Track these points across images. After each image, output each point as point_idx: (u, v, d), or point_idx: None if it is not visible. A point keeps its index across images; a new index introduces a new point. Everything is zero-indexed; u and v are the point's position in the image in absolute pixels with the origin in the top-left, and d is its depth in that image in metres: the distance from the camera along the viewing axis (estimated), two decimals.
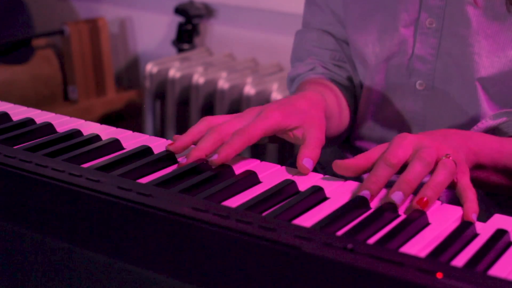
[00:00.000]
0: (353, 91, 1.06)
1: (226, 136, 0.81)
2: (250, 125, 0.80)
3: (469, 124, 0.94)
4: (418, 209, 0.69)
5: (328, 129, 0.92)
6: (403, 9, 0.95)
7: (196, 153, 0.79)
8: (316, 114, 0.87)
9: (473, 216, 0.68)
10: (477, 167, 0.82)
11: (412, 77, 0.96)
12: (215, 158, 0.77)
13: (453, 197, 0.87)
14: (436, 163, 0.72)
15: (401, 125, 1.00)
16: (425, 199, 0.68)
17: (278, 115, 0.82)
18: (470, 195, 0.71)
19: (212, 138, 0.80)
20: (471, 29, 0.90)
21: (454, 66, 0.93)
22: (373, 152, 0.76)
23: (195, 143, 0.82)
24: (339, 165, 0.76)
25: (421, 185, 0.71)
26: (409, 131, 0.99)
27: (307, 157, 0.80)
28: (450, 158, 0.72)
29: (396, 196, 0.69)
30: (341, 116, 1.02)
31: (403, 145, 0.73)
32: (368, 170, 0.75)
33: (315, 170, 1.08)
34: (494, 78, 0.91)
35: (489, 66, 0.90)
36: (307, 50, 1.10)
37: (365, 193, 0.70)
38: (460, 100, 0.94)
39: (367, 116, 1.04)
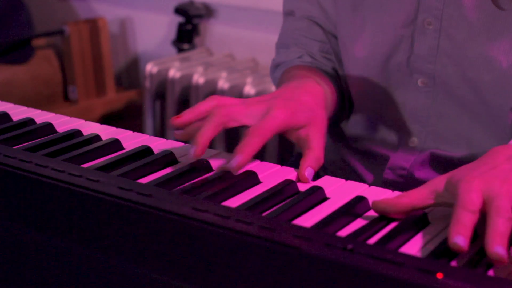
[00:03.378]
0: (339, 82, 1.05)
1: (229, 122, 0.81)
2: (258, 128, 0.80)
3: (474, 120, 0.93)
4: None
5: None
6: (401, 9, 0.94)
7: (202, 141, 0.79)
8: (320, 113, 0.87)
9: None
10: None
11: (413, 75, 0.96)
12: (234, 167, 0.77)
13: None
14: None
15: (402, 123, 0.99)
16: None
17: (285, 114, 0.82)
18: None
19: (215, 121, 0.80)
20: (470, 31, 0.90)
21: (455, 67, 0.92)
22: (417, 191, 0.71)
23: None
24: (379, 204, 0.70)
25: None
26: (410, 128, 0.98)
27: (311, 166, 0.80)
28: None
29: (500, 250, 0.62)
30: (332, 104, 1.01)
31: (473, 190, 0.66)
32: (411, 209, 0.70)
33: None
34: (493, 79, 0.90)
35: (491, 69, 0.90)
36: (294, 38, 1.09)
37: (460, 238, 0.62)
38: (463, 97, 0.94)
39: (366, 114, 1.03)
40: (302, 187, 0.76)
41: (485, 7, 0.88)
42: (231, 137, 2.12)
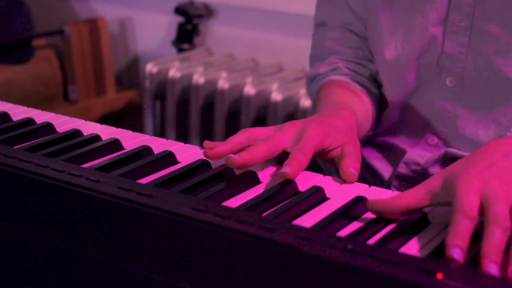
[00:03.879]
0: (376, 92, 1.06)
1: (275, 152, 0.81)
2: (299, 152, 0.79)
3: (500, 121, 0.93)
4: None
5: None
6: (432, 8, 0.95)
7: (248, 157, 0.78)
8: (353, 135, 0.88)
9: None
10: None
11: (442, 74, 0.96)
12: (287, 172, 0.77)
13: None
14: None
15: (427, 121, 1.00)
16: None
17: (319, 136, 0.82)
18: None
19: (265, 150, 0.79)
20: (502, 26, 0.90)
21: (484, 65, 0.92)
22: (412, 192, 0.71)
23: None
24: (375, 204, 0.70)
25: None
26: (434, 126, 0.99)
27: (351, 166, 0.80)
28: None
29: (492, 268, 0.61)
30: (365, 125, 1.03)
31: (471, 191, 0.66)
32: (406, 210, 0.70)
33: (317, 169, 1.08)
34: None
35: None
36: (328, 49, 1.09)
37: (457, 251, 0.62)
38: (491, 98, 0.93)
39: (394, 112, 1.04)
40: (302, 187, 0.76)
41: None
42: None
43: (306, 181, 0.78)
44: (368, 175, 1.05)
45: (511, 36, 0.90)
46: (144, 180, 0.76)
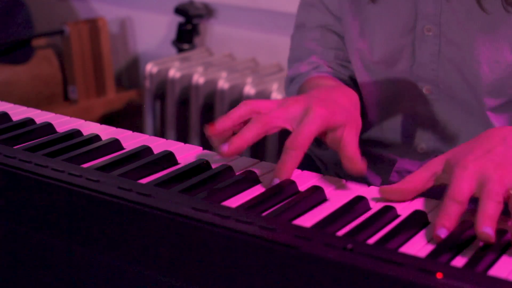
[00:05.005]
0: (356, 90, 1.04)
1: (271, 129, 0.79)
2: (300, 133, 0.77)
3: (479, 126, 0.93)
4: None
5: None
6: (399, 18, 0.94)
7: (239, 141, 0.77)
8: (355, 114, 0.85)
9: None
10: None
11: (418, 82, 0.96)
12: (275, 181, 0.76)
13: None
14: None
15: (410, 129, 0.99)
16: None
17: (325, 114, 0.79)
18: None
19: (258, 128, 0.78)
20: (467, 35, 0.90)
21: (456, 73, 0.92)
22: (418, 176, 0.75)
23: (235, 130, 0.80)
24: (386, 190, 0.74)
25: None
26: (418, 134, 0.98)
27: (354, 153, 0.79)
28: None
29: (488, 230, 0.65)
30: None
31: (465, 178, 0.70)
32: (415, 194, 0.74)
33: (317, 169, 1.08)
34: (495, 84, 0.90)
35: (489, 73, 0.90)
36: (308, 50, 1.06)
37: (443, 229, 0.67)
38: (468, 104, 0.93)
39: (374, 119, 1.03)
40: (302, 187, 0.76)
41: (478, 11, 0.88)
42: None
43: (306, 181, 0.78)
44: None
45: (474, 47, 0.89)
46: (144, 180, 0.76)
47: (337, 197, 0.74)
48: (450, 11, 0.90)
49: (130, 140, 0.87)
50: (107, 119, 2.51)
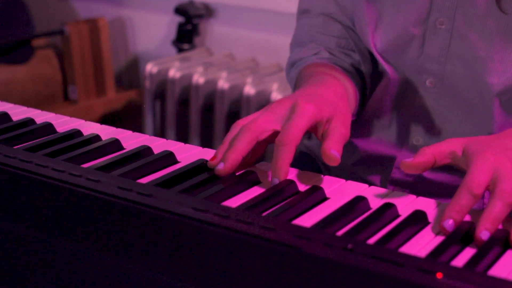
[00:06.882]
0: (358, 80, 1.03)
1: (261, 134, 0.78)
2: (289, 128, 0.77)
3: (478, 125, 0.93)
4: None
5: None
6: (414, 8, 0.94)
7: (233, 155, 0.76)
8: (343, 105, 0.85)
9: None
10: None
11: (422, 74, 0.96)
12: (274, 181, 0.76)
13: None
14: None
15: (408, 121, 0.99)
16: None
17: (313, 110, 0.79)
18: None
19: (247, 137, 0.77)
20: (482, 32, 0.90)
21: (464, 68, 0.92)
22: (437, 148, 0.75)
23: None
24: (408, 165, 0.75)
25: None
26: (415, 127, 0.98)
27: (333, 148, 0.77)
28: None
29: (484, 235, 0.66)
30: (352, 102, 1.00)
31: (484, 170, 0.70)
32: (432, 166, 0.75)
33: (317, 169, 1.08)
34: (506, 83, 0.90)
35: (502, 71, 0.90)
36: (310, 36, 1.06)
37: (450, 222, 0.68)
38: (470, 101, 0.93)
39: (385, 109, 1.03)
40: (302, 187, 0.76)
41: (496, 10, 0.88)
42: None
43: (306, 181, 0.78)
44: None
45: (489, 44, 0.89)
46: (144, 180, 0.76)
47: (337, 197, 0.74)
48: (466, 6, 0.90)
49: (130, 140, 0.87)
50: (107, 119, 2.51)
